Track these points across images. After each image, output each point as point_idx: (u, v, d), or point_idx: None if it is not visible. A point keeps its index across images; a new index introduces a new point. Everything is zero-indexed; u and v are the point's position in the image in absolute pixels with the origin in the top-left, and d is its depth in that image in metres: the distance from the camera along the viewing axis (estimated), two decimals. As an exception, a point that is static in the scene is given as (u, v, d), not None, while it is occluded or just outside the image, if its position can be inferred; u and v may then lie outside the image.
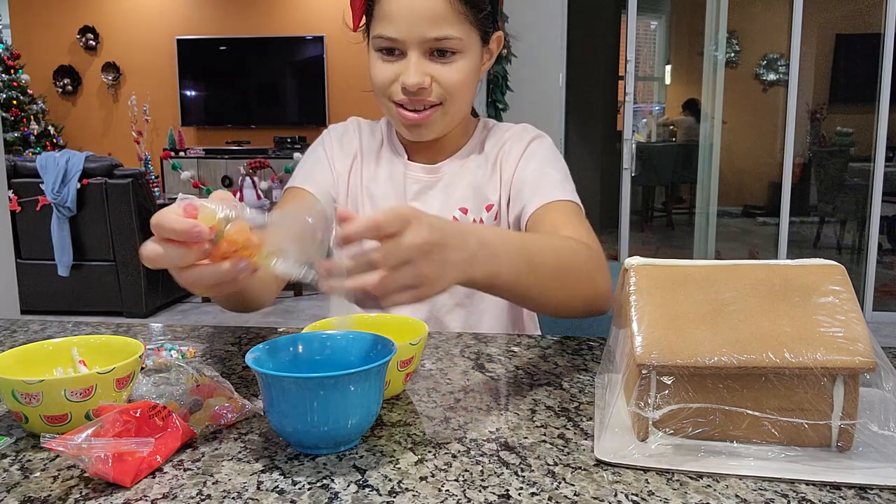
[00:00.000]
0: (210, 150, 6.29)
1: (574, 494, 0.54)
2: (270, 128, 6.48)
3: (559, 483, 0.56)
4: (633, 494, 0.54)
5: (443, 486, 0.55)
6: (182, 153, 6.25)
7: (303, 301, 4.50)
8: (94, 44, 6.58)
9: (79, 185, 3.93)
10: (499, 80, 3.96)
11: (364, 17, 1.00)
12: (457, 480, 0.56)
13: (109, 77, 6.61)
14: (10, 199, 3.53)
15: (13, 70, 6.12)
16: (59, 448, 0.54)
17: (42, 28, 6.63)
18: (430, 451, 0.61)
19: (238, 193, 4.62)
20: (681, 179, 6.50)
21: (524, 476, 0.57)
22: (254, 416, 0.69)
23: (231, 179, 5.92)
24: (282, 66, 6.41)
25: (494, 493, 0.54)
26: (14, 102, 6.03)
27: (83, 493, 0.55)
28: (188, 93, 6.55)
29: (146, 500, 0.54)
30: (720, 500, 0.53)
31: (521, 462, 0.59)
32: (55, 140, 6.33)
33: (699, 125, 4.72)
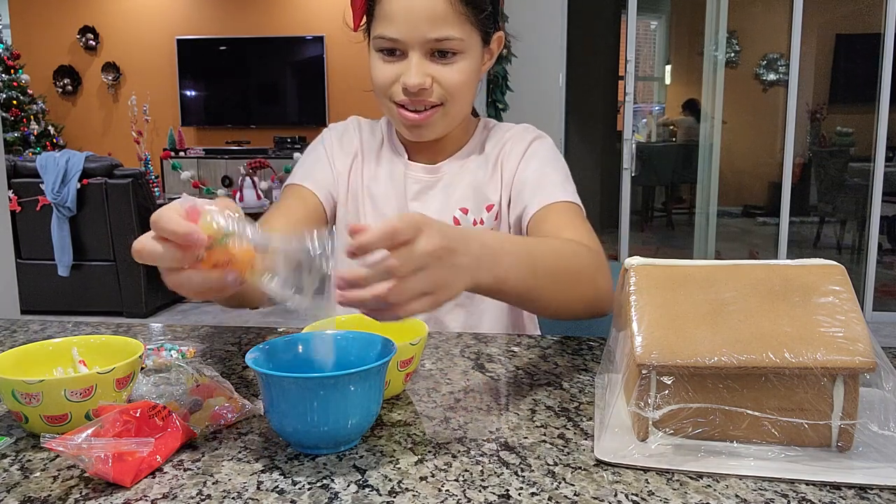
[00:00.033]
0: (210, 150, 6.29)
1: (574, 494, 0.54)
2: (270, 128, 6.48)
3: (559, 483, 0.56)
4: (633, 494, 0.54)
5: (443, 486, 0.55)
6: (182, 153, 6.25)
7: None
8: (94, 44, 6.58)
9: (79, 185, 3.93)
10: (499, 80, 3.96)
11: (364, 17, 1.00)
12: (457, 480, 0.56)
13: (109, 77, 6.61)
14: (10, 199, 3.53)
15: (13, 70, 6.12)
16: (59, 448, 0.54)
17: (42, 28, 6.63)
18: (430, 451, 0.61)
19: (238, 193, 4.62)
20: (681, 179, 6.50)
21: (524, 476, 0.57)
22: (254, 416, 0.69)
23: (231, 179, 5.92)
24: (282, 66, 6.41)
25: (494, 493, 0.54)
26: (14, 102, 6.03)
27: (83, 493, 0.55)
28: (188, 93, 6.55)
29: (146, 500, 0.54)
30: (720, 500, 0.53)
31: (521, 462, 0.59)
32: (55, 140, 6.33)
33: (699, 125, 4.72)
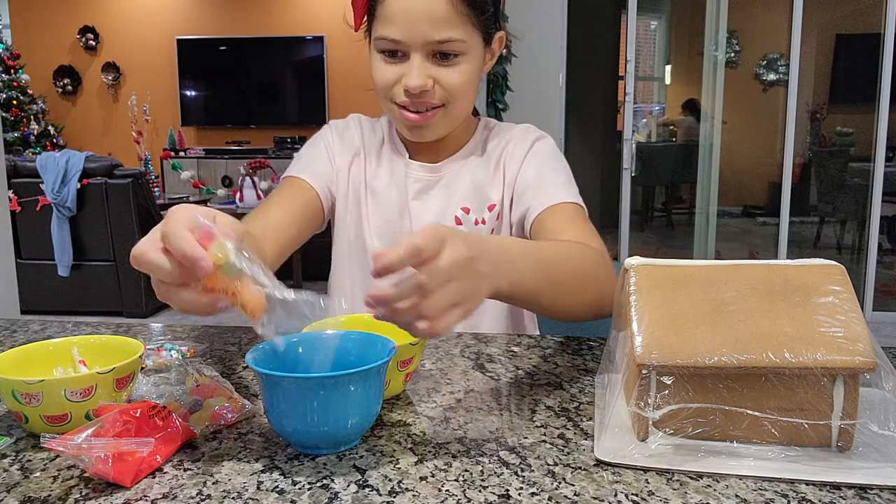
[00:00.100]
0: (210, 150, 6.29)
1: (574, 494, 0.54)
2: (270, 128, 6.48)
3: (559, 483, 0.56)
4: (633, 494, 0.54)
5: (443, 486, 0.55)
6: (182, 153, 6.25)
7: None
8: (94, 44, 6.58)
9: (79, 185, 3.93)
10: (499, 80, 3.96)
11: (365, 18, 0.99)
12: (457, 480, 0.56)
13: (109, 77, 6.61)
14: (10, 199, 3.53)
15: (13, 70, 6.13)
16: (59, 448, 0.54)
17: (42, 28, 6.63)
18: (430, 451, 0.61)
19: (238, 193, 4.62)
20: (681, 179, 6.50)
21: (524, 476, 0.57)
22: (254, 416, 0.69)
23: (231, 179, 5.92)
24: (282, 66, 6.42)
25: (494, 493, 0.54)
26: (14, 102, 6.03)
27: (83, 493, 0.55)
28: (188, 93, 6.55)
29: (146, 500, 0.54)
30: (720, 500, 0.53)
31: (521, 462, 0.59)
32: (55, 140, 6.33)
33: (699, 125, 4.72)
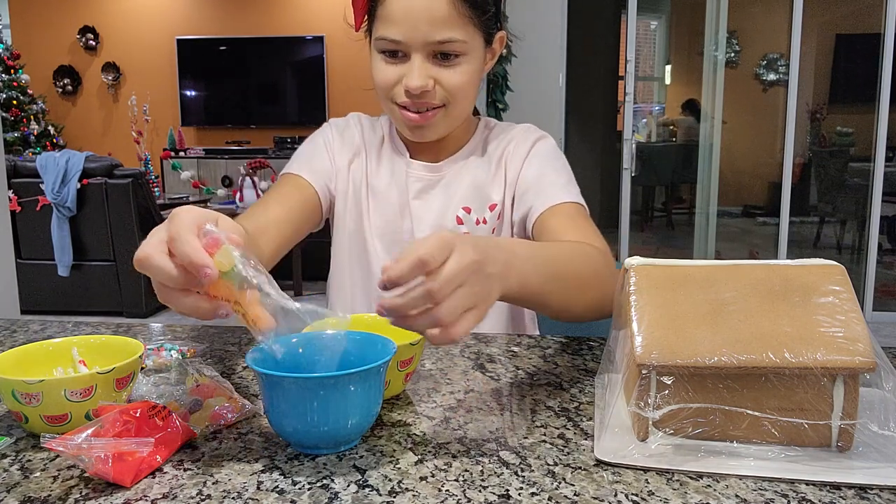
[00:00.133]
0: (210, 150, 6.29)
1: (574, 494, 0.54)
2: (270, 128, 6.48)
3: (559, 483, 0.56)
4: (633, 494, 0.54)
5: (443, 486, 0.55)
6: (182, 153, 6.25)
7: (303, 301, 4.50)
8: (94, 44, 6.58)
9: (79, 185, 3.93)
10: (499, 80, 3.96)
11: (366, 18, 0.99)
12: (457, 480, 0.56)
13: (109, 77, 6.61)
14: (10, 199, 3.53)
15: (13, 70, 6.13)
16: (59, 448, 0.54)
17: (42, 28, 6.63)
18: (430, 451, 0.61)
19: (238, 193, 4.62)
20: (681, 179, 6.50)
21: (524, 476, 0.57)
22: (254, 416, 0.69)
23: (231, 179, 5.93)
24: (282, 66, 6.41)
25: (494, 493, 0.54)
26: (14, 102, 6.03)
27: (83, 493, 0.55)
28: (188, 93, 6.55)
29: (146, 500, 0.54)
30: (720, 500, 0.53)
31: (521, 462, 0.59)
32: (55, 140, 6.33)
33: (699, 125, 4.72)
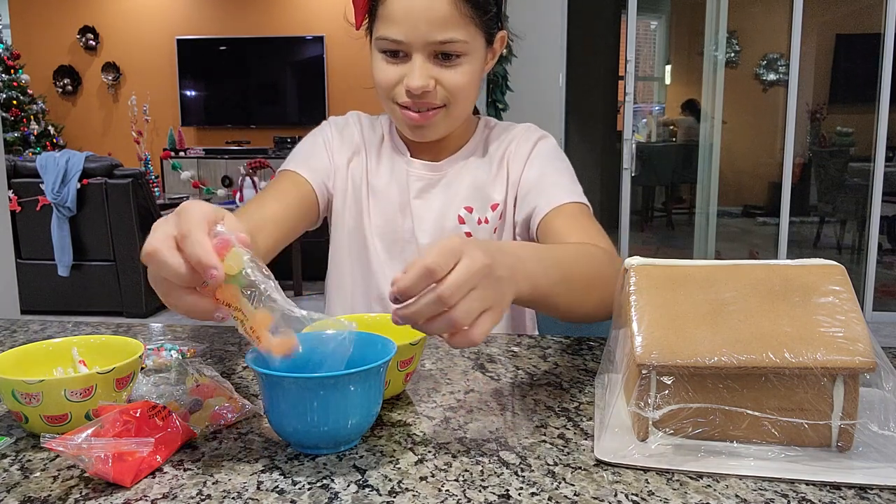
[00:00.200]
0: (210, 150, 6.29)
1: (574, 494, 0.54)
2: (270, 128, 6.48)
3: (559, 483, 0.56)
4: (633, 494, 0.54)
5: (443, 486, 0.55)
6: (182, 153, 6.25)
7: (303, 301, 4.50)
8: (94, 44, 6.58)
9: (79, 185, 3.93)
10: (499, 80, 3.96)
11: (367, 16, 0.99)
12: (457, 480, 0.56)
13: (109, 77, 6.61)
14: (10, 199, 3.53)
15: (13, 70, 6.13)
16: (59, 448, 0.54)
17: (42, 28, 6.63)
18: (430, 451, 0.61)
19: (238, 193, 4.62)
20: (681, 179, 6.50)
21: (524, 476, 0.57)
22: (254, 416, 0.69)
23: (231, 179, 5.93)
24: (282, 66, 6.41)
25: (494, 493, 0.54)
26: (14, 102, 6.03)
27: (83, 493, 0.55)
28: (188, 93, 6.55)
29: (146, 500, 0.54)
30: (720, 500, 0.53)
31: (521, 462, 0.59)
32: (55, 140, 6.33)
33: (699, 125, 4.72)
